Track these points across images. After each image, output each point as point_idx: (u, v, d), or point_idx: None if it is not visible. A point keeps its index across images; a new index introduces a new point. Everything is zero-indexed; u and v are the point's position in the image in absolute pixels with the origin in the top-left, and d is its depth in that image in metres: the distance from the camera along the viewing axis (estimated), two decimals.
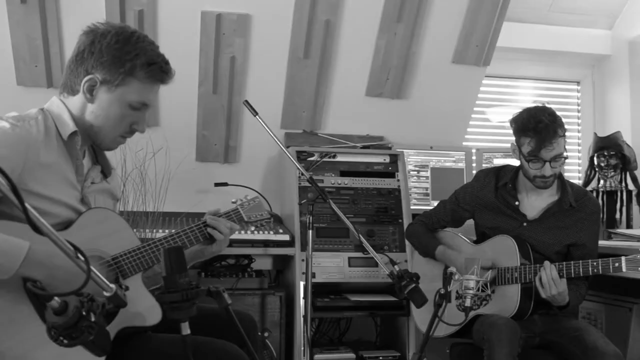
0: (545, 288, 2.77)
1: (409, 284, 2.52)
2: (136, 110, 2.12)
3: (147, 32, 3.56)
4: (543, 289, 2.78)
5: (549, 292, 2.76)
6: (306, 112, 4.12)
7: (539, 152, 2.88)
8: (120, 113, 2.10)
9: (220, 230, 2.27)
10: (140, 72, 2.07)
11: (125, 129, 2.15)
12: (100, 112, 2.09)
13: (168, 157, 3.76)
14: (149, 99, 2.14)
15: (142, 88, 2.10)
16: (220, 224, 2.28)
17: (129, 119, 2.13)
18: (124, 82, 2.07)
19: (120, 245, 2.09)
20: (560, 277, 2.77)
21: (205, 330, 2.12)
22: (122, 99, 2.08)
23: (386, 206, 3.84)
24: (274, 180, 4.15)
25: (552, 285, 2.76)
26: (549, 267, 2.78)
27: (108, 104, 2.08)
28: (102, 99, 2.08)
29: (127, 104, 2.09)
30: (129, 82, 2.07)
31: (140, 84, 2.09)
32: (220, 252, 2.35)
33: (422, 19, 3.99)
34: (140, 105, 2.12)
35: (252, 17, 3.80)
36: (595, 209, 3.08)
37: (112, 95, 2.07)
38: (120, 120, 2.11)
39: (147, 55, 2.08)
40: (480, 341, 2.76)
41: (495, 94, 4.97)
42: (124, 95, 2.08)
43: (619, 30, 4.86)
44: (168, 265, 1.78)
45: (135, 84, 2.08)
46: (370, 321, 4.07)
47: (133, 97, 2.09)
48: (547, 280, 2.76)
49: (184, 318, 1.76)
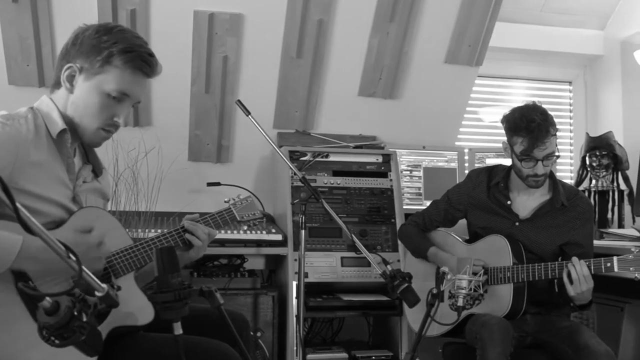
0: (575, 285, 2.73)
1: (402, 283, 2.53)
2: (116, 101, 2.08)
3: (139, 32, 3.57)
4: (572, 286, 2.74)
5: (579, 288, 2.72)
6: (299, 111, 4.12)
7: (531, 152, 2.88)
8: (98, 102, 2.06)
9: (198, 235, 2.23)
10: (118, 60, 2.03)
11: (105, 121, 2.09)
12: (79, 103, 2.07)
13: (160, 156, 3.75)
14: (128, 89, 2.08)
15: (121, 77, 2.05)
16: (198, 230, 2.23)
17: (110, 110, 2.08)
18: (102, 70, 2.04)
19: (113, 244, 2.08)
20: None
21: (198, 330, 2.12)
22: (99, 87, 2.05)
23: (379, 206, 3.84)
24: (266, 180, 4.15)
25: (582, 282, 2.72)
26: (579, 262, 2.74)
27: (87, 93, 2.06)
28: (81, 88, 2.06)
29: (105, 93, 2.05)
30: (107, 70, 2.04)
31: (119, 72, 2.04)
32: (197, 258, 2.29)
33: (415, 18, 3.99)
34: (119, 95, 2.07)
35: (245, 16, 3.80)
36: (587, 208, 3.08)
37: (90, 83, 2.05)
38: (99, 110, 2.06)
39: (126, 43, 2.05)
40: (473, 340, 2.76)
41: (487, 94, 4.98)
42: (102, 83, 2.04)
43: (611, 30, 4.87)
44: (160, 265, 1.78)
45: (114, 71, 2.04)
46: (362, 321, 4.07)
47: (111, 86, 2.05)
48: (577, 277, 2.72)
49: (176, 318, 1.76)
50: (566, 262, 2.78)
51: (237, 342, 2.01)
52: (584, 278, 2.72)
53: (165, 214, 3.70)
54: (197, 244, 2.23)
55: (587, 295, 2.77)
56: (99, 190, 2.25)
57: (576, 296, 2.76)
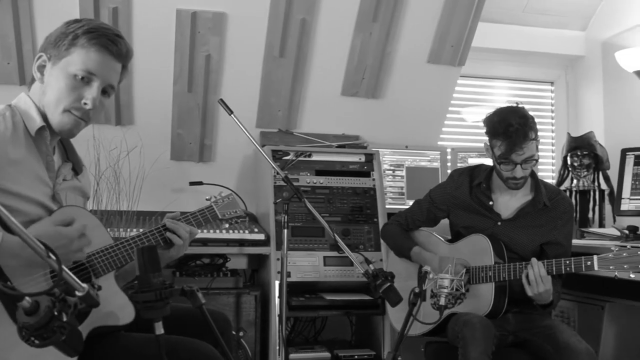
0: (532, 285, 2.77)
1: (384, 282, 2.53)
2: (84, 83, 2.04)
3: (121, 30, 3.53)
4: (530, 286, 2.78)
5: (536, 289, 2.76)
6: (282, 111, 4.12)
7: (509, 156, 2.89)
8: (64, 84, 2.03)
9: (179, 234, 2.22)
10: (82, 39, 2.02)
11: (71, 103, 2.04)
12: (48, 90, 2.05)
13: (142, 155, 3.74)
14: (95, 68, 2.04)
15: (86, 55, 2.02)
16: (179, 228, 2.22)
17: (76, 92, 2.04)
18: (68, 53, 2.03)
19: (93, 243, 2.07)
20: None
21: (179, 330, 2.11)
22: (65, 70, 2.03)
23: (361, 205, 3.85)
24: (249, 180, 4.14)
25: (539, 283, 2.75)
26: (537, 264, 2.77)
27: (55, 79, 2.04)
28: (50, 75, 2.05)
29: (72, 75, 2.02)
30: (72, 51, 2.03)
31: (84, 51, 2.02)
32: (178, 257, 2.29)
33: (398, 19, 4.00)
34: (86, 74, 2.03)
35: (228, 15, 3.79)
36: (568, 208, 3.10)
37: (56, 68, 2.04)
38: (65, 92, 2.03)
39: (92, 24, 2.05)
40: (455, 339, 2.77)
41: (470, 94, 5.00)
42: (67, 65, 2.03)
43: (592, 31, 4.91)
44: (142, 264, 1.77)
45: (78, 51, 2.02)
46: (345, 320, 4.07)
47: (76, 66, 2.02)
48: (534, 278, 2.76)
49: (157, 317, 1.75)
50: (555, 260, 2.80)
51: (219, 341, 2.01)
52: (540, 279, 2.75)
53: (147, 213, 3.69)
54: (178, 243, 2.22)
55: (545, 296, 2.81)
56: (79, 189, 2.23)
57: (534, 297, 2.80)
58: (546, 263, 2.79)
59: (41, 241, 1.38)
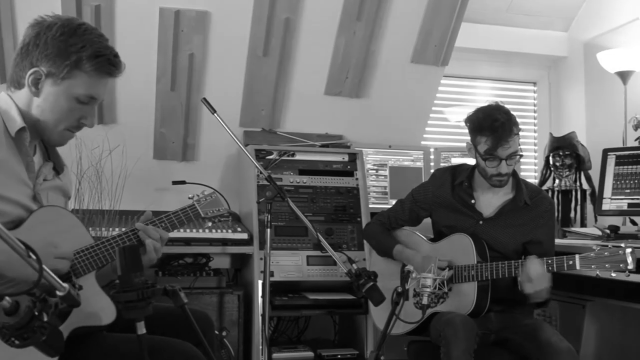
0: (534, 282, 2.77)
1: (367, 282, 2.54)
2: (84, 104, 2.07)
3: (104, 28, 3.55)
4: (532, 284, 2.77)
5: (537, 286, 2.77)
6: (265, 110, 4.11)
7: (495, 151, 2.91)
8: (67, 107, 2.05)
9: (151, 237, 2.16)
10: (87, 65, 2.02)
11: (72, 123, 2.09)
12: (46, 106, 2.05)
13: (125, 154, 3.72)
14: (97, 93, 2.08)
15: (90, 81, 2.04)
16: (150, 232, 2.17)
17: (77, 113, 2.08)
18: (70, 75, 2.02)
19: (74, 243, 2.05)
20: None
21: (162, 330, 2.10)
22: (68, 93, 2.03)
23: (345, 205, 3.85)
24: (232, 179, 4.13)
25: (540, 280, 2.76)
26: (537, 262, 2.78)
27: (54, 98, 2.04)
28: (47, 93, 2.04)
29: (74, 98, 2.04)
30: (75, 75, 2.02)
31: (87, 77, 2.04)
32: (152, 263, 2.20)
33: (382, 18, 4.00)
34: (88, 99, 2.07)
35: (211, 14, 3.78)
36: (549, 207, 3.13)
37: (58, 88, 2.03)
38: (67, 114, 2.06)
39: (94, 47, 2.03)
40: (437, 338, 2.78)
41: (453, 94, 5.02)
42: (71, 88, 2.03)
43: (575, 32, 4.94)
44: (123, 264, 1.77)
45: (82, 76, 2.03)
46: (328, 319, 4.07)
47: (80, 91, 2.04)
48: (535, 275, 2.76)
49: (139, 317, 1.75)
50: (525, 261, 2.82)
51: (201, 341, 2.00)
52: (541, 277, 2.76)
53: (130, 213, 3.67)
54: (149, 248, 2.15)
55: (543, 294, 2.81)
56: (60, 188, 2.22)
57: (533, 294, 2.80)
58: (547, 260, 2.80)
59: (21, 240, 1.37)
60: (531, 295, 2.81)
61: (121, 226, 3.52)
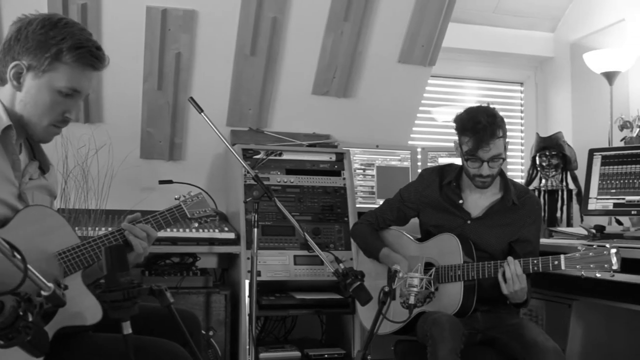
0: (508, 283, 2.79)
1: (354, 281, 2.54)
2: (67, 97, 2.06)
3: (90, 27, 3.53)
4: (506, 285, 2.80)
5: (512, 287, 2.78)
6: (252, 109, 4.10)
7: (476, 152, 2.93)
8: (49, 100, 2.04)
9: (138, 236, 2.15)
10: (68, 56, 2.01)
11: (56, 118, 2.08)
12: (28, 100, 2.04)
13: (111, 154, 3.70)
14: (79, 85, 2.07)
15: (71, 73, 2.03)
16: (136, 231, 2.16)
17: (60, 107, 2.06)
18: (51, 68, 2.01)
19: (59, 243, 2.04)
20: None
21: (148, 330, 2.09)
22: (50, 85, 2.02)
23: (332, 204, 3.85)
24: (219, 178, 4.12)
25: (515, 281, 2.78)
26: (513, 262, 2.80)
27: (36, 91, 2.03)
28: (29, 86, 2.03)
29: (56, 91, 2.03)
30: (56, 67, 2.01)
31: (69, 69, 2.02)
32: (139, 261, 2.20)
33: (369, 18, 4.01)
34: (70, 92, 2.05)
35: (199, 13, 3.77)
36: (536, 206, 3.14)
37: (39, 81, 2.02)
38: (50, 107, 2.05)
39: (75, 39, 2.02)
40: (424, 338, 2.78)
41: (440, 94, 5.03)
42: (52, 81, 2.02)
43: (561, 33, 4.96)
44: (109, 263, 1.76)
45: (63, 68, 2.02)
46: (315, 319, 4.07)
47: (62, 83, 2.03)
48: (510, 276, 2.79)
49: (125, 317, 1.74)
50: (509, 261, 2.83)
51: (188, 341, 2.00)
52: (517, 277, 2.78)
53: (116, 212, 3.66)
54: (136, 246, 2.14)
55: (520, 295, 2.84)
56: (45, 187, 2.21)
57: (509, 295, 2.83)
58: (523, 261, 2.81)
59: (5, 240, 1.36)
60: (508, 296, 2.84)
61: (107, 226, 3.50)
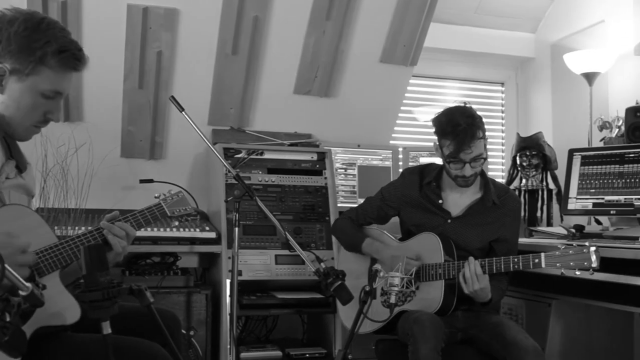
0: (468, 283, 2.81)
1: (335, 281, 2.54)
2: (49, 99, 2.07)
3: (70, 25, 3.51)
4: (466, 285, 2.82)
5: (472, 287, 2.81)
6: (234, 108, 4.09)
7: (457, 155, 2.94)
8: (32, 102, 2.04)
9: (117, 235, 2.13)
10: (52, 60, 2.02)
11: (38, 119, 2.09)
12: (10, 103, 2.03)
13: (91, 152, 3.68)
14: (62, 88, 2.08)
15: (55, 76, 2.04)
16: (115, 230, 2.13)
17: (42, 108, 2.08)
18: (35, 71, 2.01)
19: (37, 242, 2.02)
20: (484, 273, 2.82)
21: (128, 330, 2.08)
22: (33, 88, 2.03)
23: (313, 204, 3.85)
24: (200, 177, 4.11)
25: (474, 281, 2.80)
26: (473, 262, 2.82)
27: (19, 94, 2.03)
28: (12, 89, 2.02)
29: (40, 93, 2.04)
30: (40, 70, 2.01)
31: (52, 72, 2.03)
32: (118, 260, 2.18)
33: (351, 17, 4.01)
34: (53, 94, 2.07)
35: (180, 11, 3.75)
36: (516, 205, 3.16)
37: (23, 84, 2.02)
38: (32, 109, 2.06)
39: (59, 43, 2.02)
40: (405, 337, 2.79)
41: (422, 94, 5.05)
42: (36, 84, 2.02)
43: (542, 33, 5.00)
44: (88, 262, 1.75)
45: (47, 72, 2.02)
46: (297, 319, 4.07)
47: (45, 86, 2.04)
48: (470, 276, 2.80)
49: (104, 317, 1.73)
50: (496, 259, 2.84)
51: (168, 341, 1.99)
52: (476, 277, 2.80)
53: (96, 211, 3.63)
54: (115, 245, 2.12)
55: (482, 295, 2.85)
56: (23, 187, 2.19)
57: (470, 294, 2.84)
58: (495, 260, 2.83)
59: None
60: (470, 295, 2.86)
61: (87, 225, 3.48)
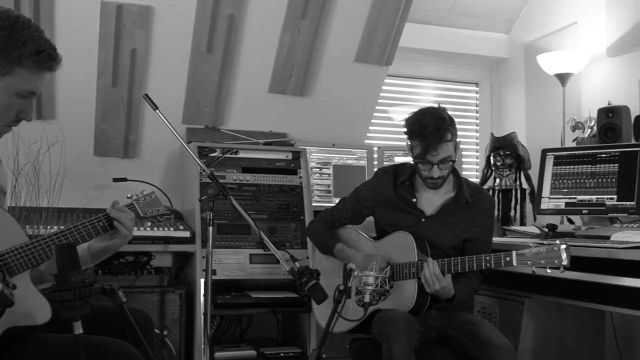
0: (429, 284, 2.83)
1: (310, 280, 2.54)
2: (23, 99, 2.06)
3: (43, 22, 3.47)
4: (427, 285, 2.84)
5: (433, 287, 2.83)
6: (208, 107, 4.08)
7: (425, 156, 2.96)
8: (6, 102, 2.03)
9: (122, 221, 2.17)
10: (28, 61, 2.00)
11: (11, 118, 2.08)
12: None
13: (64, 151, 3.65)
14: (36, 87, 2.07)
15: (30, 76, 2.03)
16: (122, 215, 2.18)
17: (16, 108, 2.06)
18: (10, 71, 2.00)
19: (7, 242, 2.00)
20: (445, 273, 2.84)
21: (100, 330, 2.07)
22: (8, 88, 2.02)
23: (288, 203, 3.85)
24: (175, 176, 4.09)
25: (435, 281, 2.82)
26: (432, 263, 2.84)
27: None
28: None
29: (15, 93, 2.03)
30: (15, 71, 2.00)
31: (28, 73, 2.02)
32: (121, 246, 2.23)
33: (326, 16, 4.01)
34: (28, 94, 2.06)
35: (154, 9, 3.72)
36: (490, 205, 3.19)
37: None
38: (6, 109, 2.05)
39: (35, 43, 2.01)
40: (379, 336, 2.80)
41: (397, 93, 5.07)
42: (11, 84, 2.01)
43: (516, 34, 5.04)
44: (60, 262, 1.73)
45: (22, 72, 2.01)
46: (271, 318, 4.06)
47: (20, 86, 2.03)
48: (429, 276, 2.83)
49: (76, 317, 1.72)
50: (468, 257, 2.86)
51: (140, 341, 1.98)
52: (435, 277, 2.82)
53: (69, 210, 3.61)
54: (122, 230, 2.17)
55: (444, 293, 2.87)
56: None
57: (434, 293, 2.87)
58: (467, 259, 2.85)
59: None
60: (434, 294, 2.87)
61: (60, 224, 3.45)
